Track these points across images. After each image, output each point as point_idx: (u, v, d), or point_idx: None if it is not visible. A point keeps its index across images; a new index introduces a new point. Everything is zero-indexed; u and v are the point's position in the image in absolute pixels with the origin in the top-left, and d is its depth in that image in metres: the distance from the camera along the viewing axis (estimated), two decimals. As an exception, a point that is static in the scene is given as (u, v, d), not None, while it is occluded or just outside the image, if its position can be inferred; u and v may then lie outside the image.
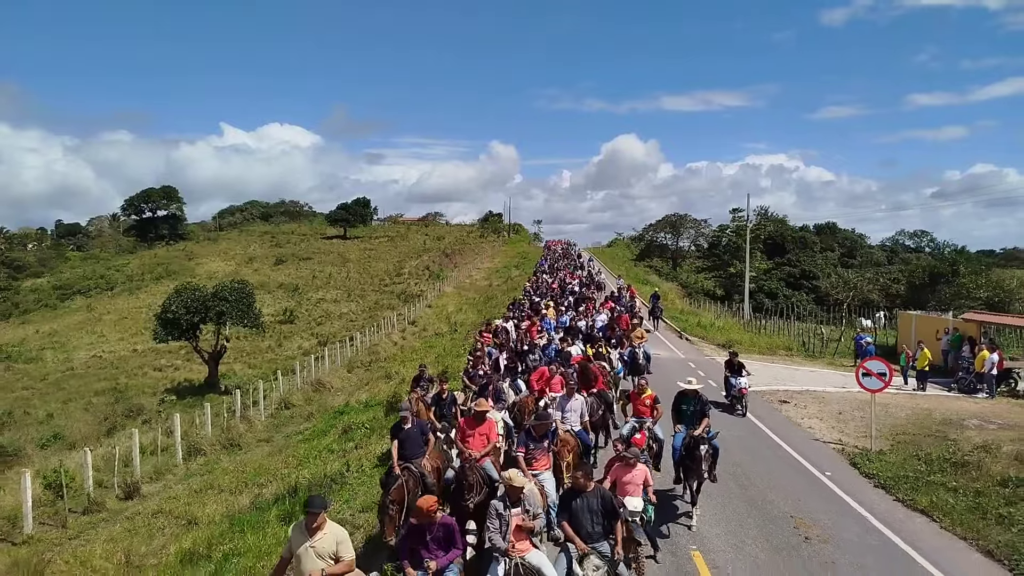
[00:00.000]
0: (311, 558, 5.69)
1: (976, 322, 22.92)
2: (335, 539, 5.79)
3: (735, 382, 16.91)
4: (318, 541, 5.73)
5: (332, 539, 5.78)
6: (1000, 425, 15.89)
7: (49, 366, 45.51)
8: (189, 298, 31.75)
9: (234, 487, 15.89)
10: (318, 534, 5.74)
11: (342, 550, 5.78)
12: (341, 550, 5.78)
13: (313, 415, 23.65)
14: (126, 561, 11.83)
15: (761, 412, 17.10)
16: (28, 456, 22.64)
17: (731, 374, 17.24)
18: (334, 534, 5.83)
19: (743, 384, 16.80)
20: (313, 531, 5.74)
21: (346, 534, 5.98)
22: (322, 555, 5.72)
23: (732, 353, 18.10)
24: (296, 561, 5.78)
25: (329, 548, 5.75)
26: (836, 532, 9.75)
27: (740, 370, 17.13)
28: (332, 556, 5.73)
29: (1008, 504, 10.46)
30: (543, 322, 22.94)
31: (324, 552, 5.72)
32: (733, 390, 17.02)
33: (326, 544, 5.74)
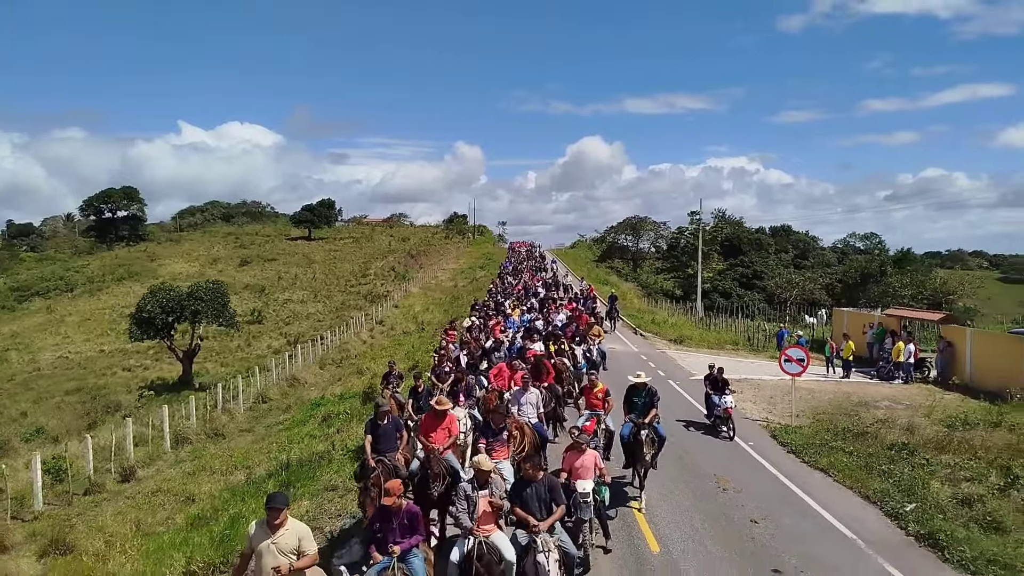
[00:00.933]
0: (273, 555, 5.72)
1: (897, 317, 25.63)
2: (297, 535, 5.86)
3: (718, 401, 15.22)
4: (280, 538, 5.78)
5: (294, 535, 5.84)
6: (905, 406, 18.37)
7: (15, 367, 45.87)
8: (164, 298, 32.90)
9: (225, 469, 17.48)
10: (280, 531, 5.79)
11: (305, 545, 5.85)
12: (304, 545, 5.85)
13: (291, 407, 25.25)
14: (137, 528, 13.44)
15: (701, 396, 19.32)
16: (15, 449, 23.72)
17: (713, 391, 15.59)
18: (296, 530, 5.89)
19: (728, 403, 15.05)
20: (275, 528, 5.78)
21: (308, 530, 6.06)
22: (284, 551, 5.76)
23: (713, 368, 16.19)
24: (257, 557, 5.81)
25: (291, 544, 5.80)
26: (749, 485, 11.93)
27: (724, 387, 15.41)
28: (294, 552, 5.79)
29: (890, 462, 12.78)
30: (507, 321, 24.72)
31: (286, 548, 5.77)
32: (717, 410, 15.26)
33: (289, 541, 5.79)
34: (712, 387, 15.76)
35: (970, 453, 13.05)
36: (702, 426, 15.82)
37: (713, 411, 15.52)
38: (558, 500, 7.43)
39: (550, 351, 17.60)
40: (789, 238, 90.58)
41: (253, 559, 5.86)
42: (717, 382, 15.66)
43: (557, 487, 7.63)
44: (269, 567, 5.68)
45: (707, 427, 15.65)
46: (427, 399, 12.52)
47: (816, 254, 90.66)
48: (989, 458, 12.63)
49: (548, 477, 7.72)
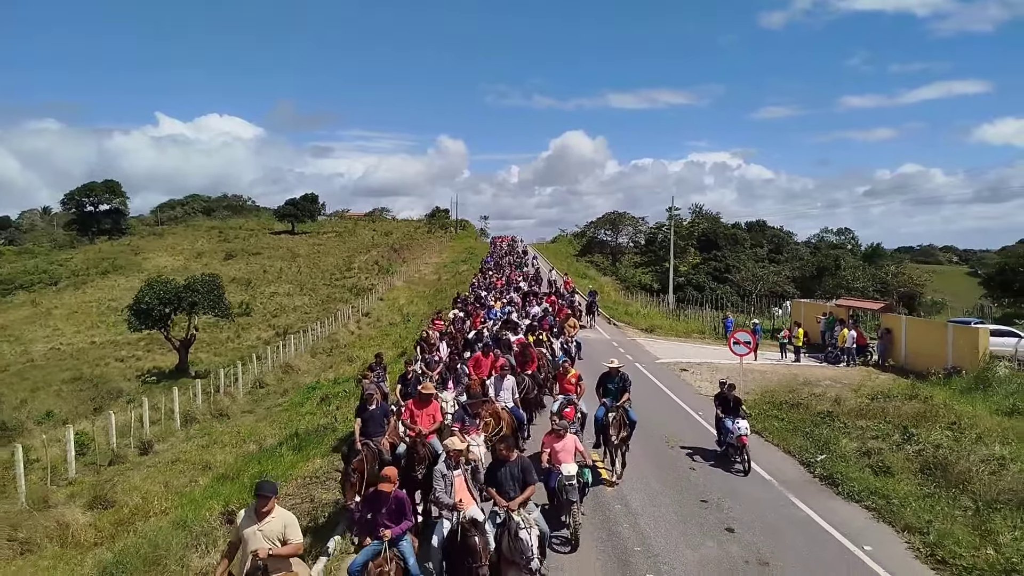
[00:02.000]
0: (259, 540, 5.89)
1: (845, 307, 28.26)
2: (283, 523, 6.04)
3: (732, 426, 12.74)
4: (266, 524, 5.96)
5: (280, 523, 6.02)
6: (843, 384, 20.88)
7: (8, 358, 47.25)
8: (162, 290, 34.69)
9: (236, 442, 19.55)
10: (267, 518, 5.98)
11: (290, 533, 6.04)
12: (289, 533, 6.03)
13: (288, 391, 27.30)
14: (166, 488, 15.53)
15: (663, 376, 21.75)
16: (29, 430, 25.60)
17: (725, 413, 13.14)
18: (282, 518, 6.08)
19: (743, 430, 12.54)
20: (262, 515, 5.98)
21: (294, 518, 6.27)
22: (270, 538, 5.93)
23: (724, 385, 13.76)
24: (244, 544, 5.98)
25: (277, 531, 5.98)
26: (693, 443, 14.32)
27: (737, 407, 13.10)
28: (280, 539, 5.97)
29: (814, 426, 15.23)
30: (489, 313, 26.77)
31: (272, 535, 5.95)
32: (730, 436, 12.76)
33: (274, 527, 5.98)
34: (723, 408, 13.25)
35: (882, 419, 15.54)
36: (711, 454, 13.56)
37: (725, 437, 12.98)
38: (530, 479, 7.85)
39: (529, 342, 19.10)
40: (764, 233, 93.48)
41: (241, 545, 6.03)
42: (729, 401, 13.24)
43: (530, 468, 8.02)
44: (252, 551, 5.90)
45: (717, 456, 13.20)
46: (415, 386, 12.93)
47: (790, 249, 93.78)
48: (896, 422, 15.12)
49: (521, 458, 8.12)
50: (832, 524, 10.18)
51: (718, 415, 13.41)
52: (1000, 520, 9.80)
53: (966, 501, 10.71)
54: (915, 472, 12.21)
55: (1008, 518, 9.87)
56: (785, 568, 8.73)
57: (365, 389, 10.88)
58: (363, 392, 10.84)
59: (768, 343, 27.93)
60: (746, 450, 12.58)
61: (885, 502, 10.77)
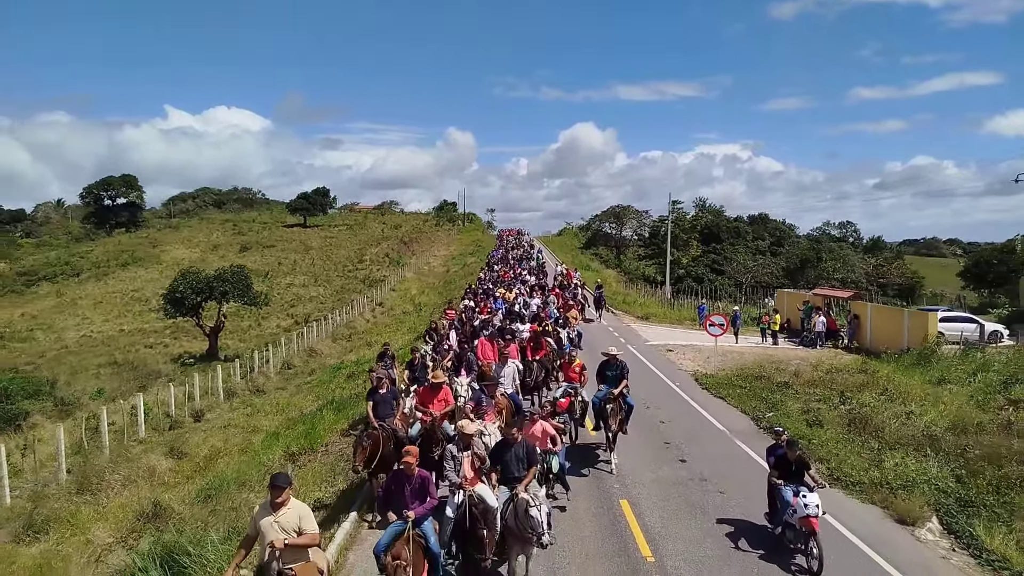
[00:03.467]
0: (275, 532, 6.05)
1: (822, 296, 31.23)
2: (298, 514, 6.19)
3: (794, 499, 9.00)
4: (282, 516, 6.11)
5: (295, 514, 6.17)
6: (812, 364, 23.88)
7: (43, 345, 50.75)
8: (194, 280, 37.96)
9: (277, 411, 22.75)
10: (282, 509, 6.13)
11: (305, 524, 6.18)
12: (304, 524, 6.17)
13: (315, 371, 30.49)
14: (225, 443, 18.73)
15: (650, 356, 24.83)
16: (85, 405, 28.86)
17: (784, 480, 9.27)
18: (297, 509, 6.23)
19: (812, 508, 8.76)
20: (277, 507, 6.13)
21: (309, 510, 6.41)
22: (286, 529, 6.08)
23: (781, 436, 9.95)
24: (261, 536, 6.16)
25: (292, 522, 6.13)
26: (667, 406, 17.41)
27: (802, 471, 9.26)
28: (295, 530, 6.12)
29: (770, 392, 18.31)
30: (496, 303, 29.56)
31: (288, 526, 6.10)
32: (790, 514, 9.06)
33: (290, 519, 6.12)
34: (782, 472, 9.33)
35: (829, 387, 18.60)
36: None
37: (783, 514, 9.14)
38: (533, 460, 8.57)
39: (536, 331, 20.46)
40: (766, 226, 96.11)
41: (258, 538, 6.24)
42: (790, 465, 9.24)
43: (534, 450, 8.78)
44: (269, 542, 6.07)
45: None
46: (422, 371, 14.09)
47: (792, 242, 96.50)
48: (839, 389, 18.18)
49: (525, 440, 8.79)
50: (762, 457, 13.27)
51: (772, 481, 9.42)
52: (891, 454, 12.89)
53: (873, 443, 13.79)
54: (842, 425, 15.28)
55: (898, 453, 12.96)
56: (718, 482, 11.87)
57: (378, 377, 11.76)
58: (376, 379, 11.73)
59: (752, 328, 30.91)
60: (816, 539, 8.54)
61: (807, 443, 13.82)
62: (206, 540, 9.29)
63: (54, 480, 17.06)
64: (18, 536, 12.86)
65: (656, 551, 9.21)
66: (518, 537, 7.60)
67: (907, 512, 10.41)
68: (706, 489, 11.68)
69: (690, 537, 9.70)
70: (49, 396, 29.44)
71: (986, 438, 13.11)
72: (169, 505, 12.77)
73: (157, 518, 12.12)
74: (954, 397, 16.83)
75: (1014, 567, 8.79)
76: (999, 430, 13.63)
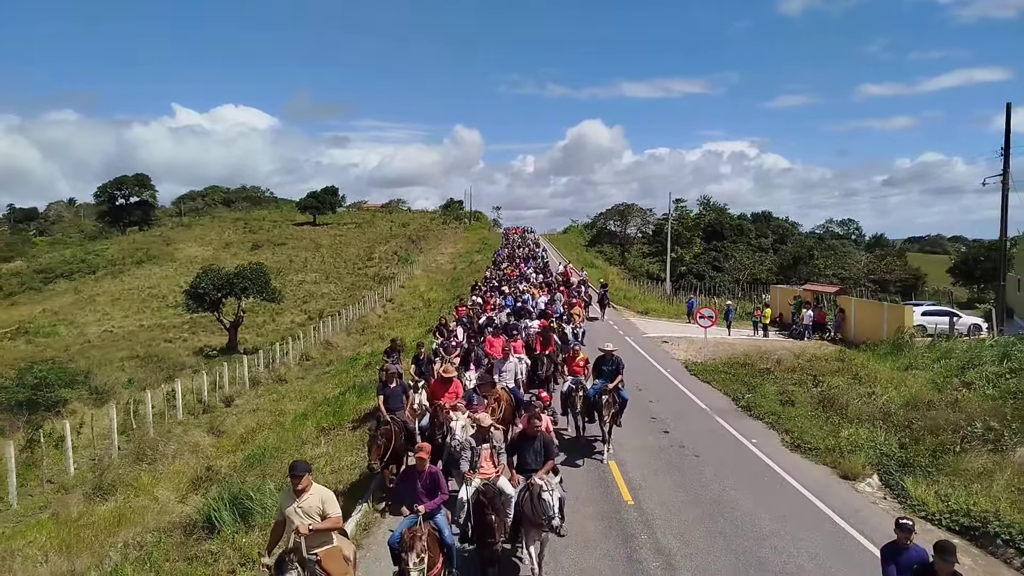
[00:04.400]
0: (299, 517, 6.28)
1: (811, 291, 33.12)
2: (320, 499, 6.41)
3: None
4: (304, 502, 6.35)
5: (318, 499, 6.40)
6: (794, 354, 25.78)
7: (66, 339, 53.01)
8: (215, 277, 40.10)
9: (301, 397, 24.82)
10: (304, 495, 6.36)
11: (328, 508, 6.41)
12: (327, 508, 6.40)
13: (332, 362, 32.56)
14: (258, 423, 20.80)
15: (646, 346, 26.79)
16: (119, 393, 31.03)
17: None
18: (319, 494, 6.45)
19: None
20: (299, 493, 6.35)
21: (331, 494, 6.62)
22: (309, 514, 6.31)
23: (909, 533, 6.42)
24: (288, 522, 6.42)
25: (316, 507, 6.36)
26: (657, 389, 19.39)
27: None
28: (319, 514, 6.36)
29: (752, 378, 20.24)
30: (505, 300, 31.28)
31: (311, 511, 6.33)
32: None
33: (312, 504, 6.36)
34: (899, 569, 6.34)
35: (806, 372, 20.51)
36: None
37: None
38: (550, 454, 8.83)
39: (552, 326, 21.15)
40: (769, 224, 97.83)
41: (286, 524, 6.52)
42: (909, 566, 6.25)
43: (551, 443, 9.12)
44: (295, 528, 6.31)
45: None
46: (427, 365, 14.78)
47: (794, 239, 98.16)
48: (814, 374, 20.09)
49: (543, 434, 9.09)
50: (736, 430, 15.29)
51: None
52: (848, 426, 14.84)
53: (836, 419, 15.71)
54: (812, 404, 17.19)
55: (855, 426, 14.90)
56: (694, 448, 13.86)
57: (386, 370, 12.42)
58: (385, 373, 12.35)
59: (745, 322, 32.81)
60: None
61: (777, 419, 15.84)
62: (264, 488, 11.34)
63: (107, 455, 19.20)
64: (90, 497, 14.97)
65: (635, 497, 11.22)
66: (532, 523, 7.96)
67: (850, 470, 12.39)
68: (683, 453, 13.67)
69: (664, 487, 11.70)
70: (84, 385, 31.61)
71: (933, 413, 15.01)
72: (220, 469, 14.88)
73: (210, 481, 14.20)
74: (916, 380, 18.74)
75: (929, 509, 10.73)
76: (947, 406, 15.51)
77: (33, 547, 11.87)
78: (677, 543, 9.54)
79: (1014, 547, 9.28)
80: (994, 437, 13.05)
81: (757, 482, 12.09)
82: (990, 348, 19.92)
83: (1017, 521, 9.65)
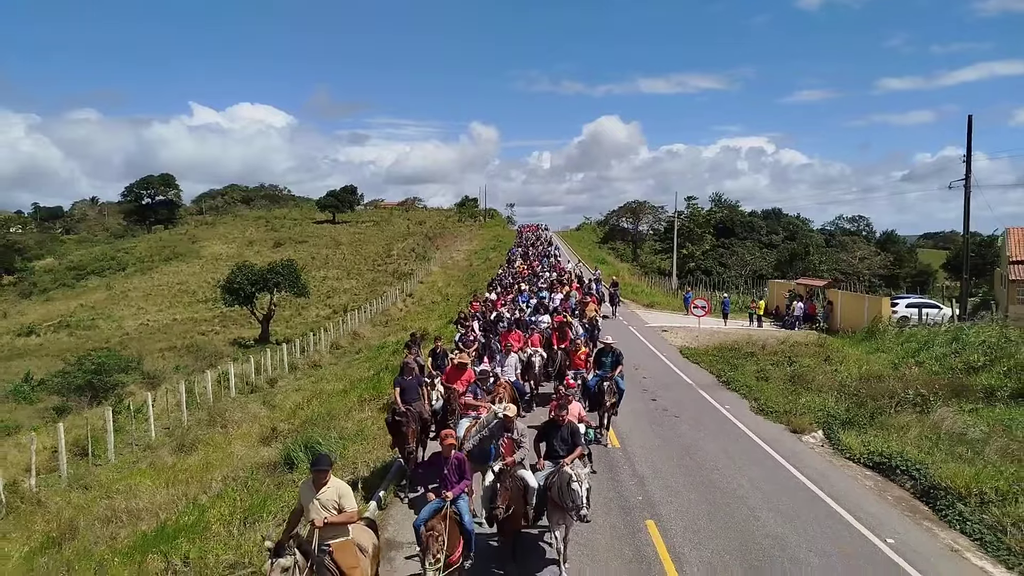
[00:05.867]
0: (317, 509, 6.74)
1: (804, 285, 36.02)
2: (338, 492, 6.85)
3: None
4: (323, 495, 6.79)
5: (335, 492, 6.84)
6: (779, 340, 28.72)
7: (106, 332, 56.84)
8: (249, 273, 43.59)
9: (337, 378, 28.07)
10: (323, 488, 6.81)
11: (344, 503, 6.84)
12: (344, 503, 6.83)
13: (361, 350, 35.88)
14: (303, 398, 24.05)
15: (647, 334, 29.85)
16: (169, 377, 34.49)
17: None
18: (337, 488, 6.89)
19: None
20: (320, 486, 6.82)
21: (348, 488, 7.05)
22: (326, 506, 6.77)
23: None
24: (306, 513, 6.88)
25: (333, 500, 6.81)
26: (651, 368, 22.47)
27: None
28: (336, 507, 6.81)
29: (737, 359, 23.26)
30: (521, 297, 33.90)
31: (328, 504, 6.78)
32: None
33: (330, 497, 6.81)
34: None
35: (784, 355, 23.51)
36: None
37: None
38: (577, 442, 9.21)
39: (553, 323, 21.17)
40: (780, 221, 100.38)
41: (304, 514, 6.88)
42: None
43: (578, 431, 9.40)
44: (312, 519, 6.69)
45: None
46: (443, 358, 15.65)
47: (804, 236, 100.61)
48: (791, 356, 23.08)
49: (570, 423, 9.42)
50: (714, 399, 18.37)
51: None
52: (808, 395, 17.87)
53: (800, 390, 18.74)
54: (784, 380, 20.20)
55: (815, 395, 17.91)
56: (676, 411, 16.97)
57: (406, 364, 12.92)
58: (403, 366, 12.97)
59: (742, 314, 35.76)
60: None
61: (750, 390, 18.90)
62: (328, 437, 14.57)
63: (178, 425, 22.56)
64: (175, 452, 18.30)
65: (622, 443, 14.33)
66: (558, 506, 8.30)
67: (799, 426, 15.44)
68: (666, 415, 16.78)
69: (646, 436, 14.84)
70: (137, 370, 35.12)
71: (881, 384, 17.99)
72: (283, 430, 18.15)
73: (276, 438, 17.45)
74: (878, 360, 21.72)
75: (853, 452, 13.74)
76: (895, 380, 18.48)
77: (145, 483, 15.16)
78: (650, 471, 12.66)
79: (906, 474, 12.28)
80: (921, 401, 16.04)
81: (722, 435, 15.19)
82: (944, 334, 22.80)
83: (913, 457, 12.65)
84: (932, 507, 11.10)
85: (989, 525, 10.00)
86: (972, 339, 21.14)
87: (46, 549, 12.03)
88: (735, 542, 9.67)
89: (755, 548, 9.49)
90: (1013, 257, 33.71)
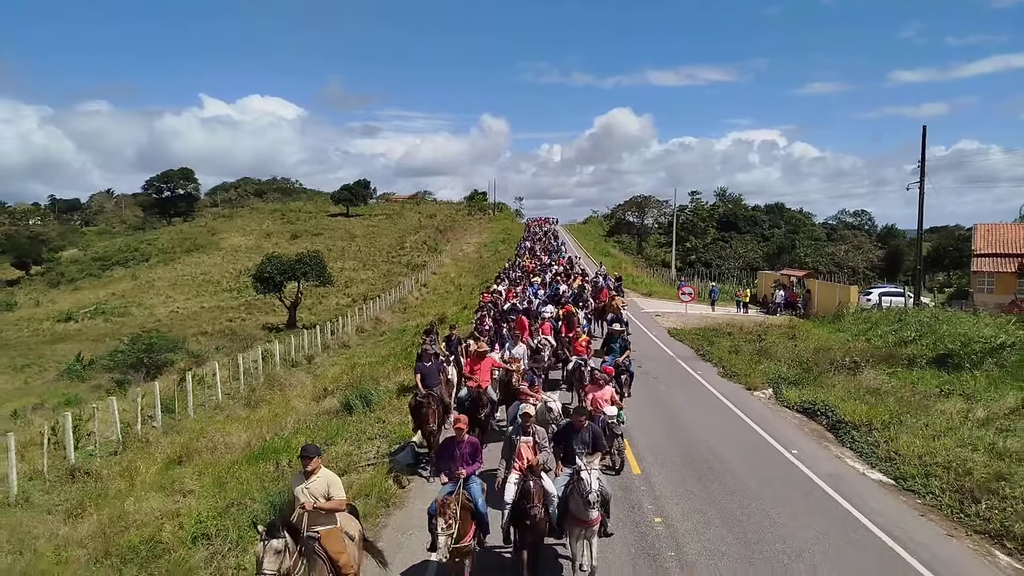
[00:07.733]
0: (305, 497, 7.09)
1: (788, 276, 39.97)
2: (327, 482, 7.17)
3: None
4: (312, 483, 7.14)
5: (324, 482, 7.16)
6: (757, 323, 32.66)
7: (139, 319, 61.24)
8: (278, 263, 47.80)
9: (368, 354, 32.18)
10: (312, 477, 7.15)
11: (333, 492, 7.15)
12: (332, 492, 7.15)
13: (384, 333, 40.04)
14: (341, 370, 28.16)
15: (641, 318, 33.88)
16: (212, 356, 38.70)
17: None
18: (326, 478, 7.23)
19: None
20: (308, 475, 7.16)
21: (337, 479, 7.41)
22: (315, 495, 7.08)
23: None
24: (296, 502, 7.20)
25: (321, 489, 7.11)
26: (641, 344, 26.35)
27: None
28: (324, 496, 7.11)
29: (716, 337, 27.25)
30: (531, 287, 37.73)
31: (317, 492, 7.09)
32: None
33: (319, 486, 7.13)
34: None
35: (756, 334, 27.48)
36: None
37: None
38: (600, 446, 8.96)
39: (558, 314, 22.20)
40: (782, 215, 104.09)
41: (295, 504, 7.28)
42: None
43: (599, 435, 9.15)
44: None
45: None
46: (457, 346, 16.66)
47: (807, 230, 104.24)
48: (762, 335, 27.05)
49: (592, 426, 9.18)
50: (689, 367, 22.41)
51: None
52: (767, 363, 21.88)
53: (765, 360, 22.72)
54: (752, 353, 24.19)
55: (773, 363, 21.91)
56: (656, 376, 21.04)
57: (425, 350, 13.57)
58: (422, 351, 13.63)
59: (729, 302, 39.75)
60: None
61: (721, 360, 22.93)
62: (377, 390, 18.71)
63: (237, 392, 26.74)
64: (244, 408, 22.47)
65: (609, 395, 18.38)
66: (576, 519, 7.92)
67: (752, 384, 19.51)
68: (648, 378, 20.82)
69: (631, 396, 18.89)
70: (183, 350, 39.38)
71: (828, 354, 21.99)
72: (333, 389, 22.29)
73: (328, 396, 21.57)
74: (835, 338, 25.68)
75: (790, 402, 17.74)
76: (840, 352, 22.45)
77: (231, 427, 19.30)
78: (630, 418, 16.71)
79: (823, 415, 16.28)
80: (853, 366, 20.05)
81: (690, 391, 19.25)
82: (891, 316, 26.76)
83: (831, 403, 16.64)
84: (835, 435, 15.16)
85: (869, 443, 14.05)
86: (911, 320, 25.08)
87: (170, 468, 16.17)
88: (682, 452, 13.76)
89: (695, 454, 13.59)
90: (978, 251, 37.45)
